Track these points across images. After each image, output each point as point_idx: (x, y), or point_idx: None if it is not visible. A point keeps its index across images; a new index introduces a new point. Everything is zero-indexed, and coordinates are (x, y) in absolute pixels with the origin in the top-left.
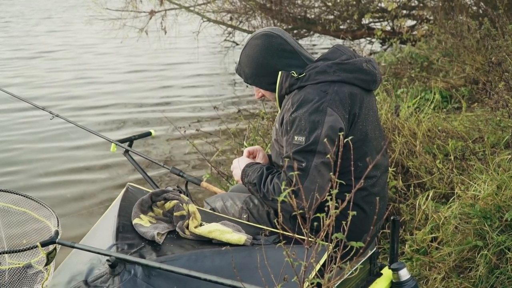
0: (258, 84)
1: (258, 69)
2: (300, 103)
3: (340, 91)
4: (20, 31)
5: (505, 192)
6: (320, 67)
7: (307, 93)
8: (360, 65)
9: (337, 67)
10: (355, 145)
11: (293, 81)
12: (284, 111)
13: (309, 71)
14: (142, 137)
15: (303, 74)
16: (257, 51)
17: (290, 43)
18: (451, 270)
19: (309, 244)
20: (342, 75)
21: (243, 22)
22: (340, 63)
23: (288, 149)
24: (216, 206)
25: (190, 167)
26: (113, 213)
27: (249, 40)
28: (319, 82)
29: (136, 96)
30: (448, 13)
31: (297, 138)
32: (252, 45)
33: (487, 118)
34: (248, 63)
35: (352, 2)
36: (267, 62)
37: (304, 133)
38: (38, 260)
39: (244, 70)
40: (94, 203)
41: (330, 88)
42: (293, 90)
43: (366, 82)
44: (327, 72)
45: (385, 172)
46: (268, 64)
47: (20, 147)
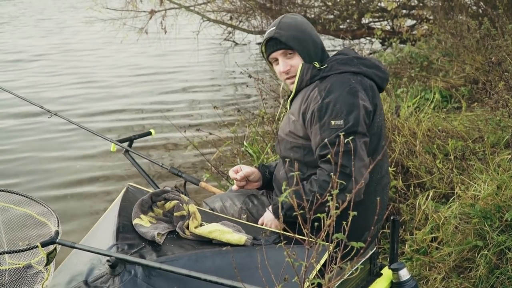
0: (299, 48)
1: (302, 33)
2: (329, 89)
3: (363, 81)
4: (15, 33)
5: (505, 192)
6: (341, 59)
7: (334, 81)
8: (376, 62)
9: (357, 61)
10: (373, 138)
11: (314, 72)
12: (309, 100)
13: (331, 62)
14: (142, 137)
15: (325, 65)
16: (299, 20)
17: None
18: (451, 270)
19: (309, 244)
20: (363, 69)
21: (243, 22)
22: (359, 58)
23: (326, 135)
24: (215, 207)
25: (191, 167)
26: (113, 213)
27: (285, 15)
28: (342, 72)
29: (135, 96)
30: (448, 13)
31: (334, 122)
32: (291, 17)
33: (487, 117)
34: (291, 27)
35: (352, 2)
36: (310, 31)
37: (341, 116)
38: (38, 260)
39: (285, 33)
40: (94, 203)
41: (354, 78)
42: (314, 81)
43: (381, 79)
44: (349, 64)
45: (387, 173)
46: (310, 34)
47: (20, 148)
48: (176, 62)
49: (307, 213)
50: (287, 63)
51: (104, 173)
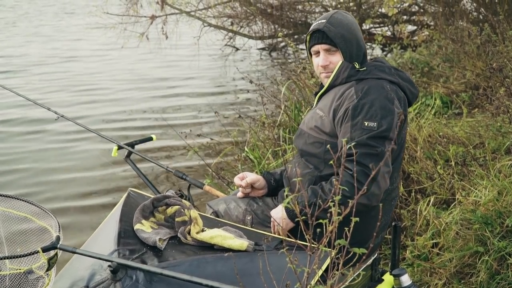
0: (344, 47)
1: (350, 33)
2: (367, 91)
3: (398, 91)
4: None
5: (506, 198)
6: (380, 66)
7: (371, 84)
8: (410, 78)
9: (395, 71)
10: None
11: (352, 72)
12: (343, 98)
13: (370, 66)
14: (143, 142)
15: (364, 68)
16: (350, 20)
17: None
18: (452, 276)
19: (311, 250)
20: (399, 80)
21: (244, 27)
22: (396, 69)
23: (356, 134)
24: (219, 209)
25: (191, 172)
26: (115, 218)
27: (338, 11)
28: (380, 78)
29: (136, 102)
30: (449, 19)
31: (368, 123)
32: (344, 14)
33: (488, 123)
34: (340, 25)
35: (353, 8)
36: (357, 34)
37: (375, 119)
38: (39, 266)
39: (334, 29)
40: (96, 208)
41: (391, 86)
42: (350, 81)
43: (413, 95)
44: (386, 72)
45: (397, 185)
46: (356, 35)
47: (21, 151)
48: (176, 68)
49: (309, 219)
50: (328, 59)
51: (106, 179)
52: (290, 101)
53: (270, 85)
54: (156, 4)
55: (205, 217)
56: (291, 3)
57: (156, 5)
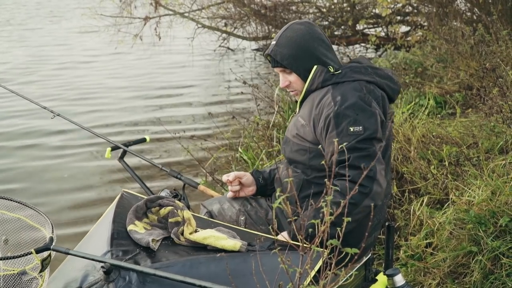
0: (294, 66)
1: (298, 50)
2: (344, 97)
3: (376, 91)
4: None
5: (499, 198)
6: (355, 67)
7: (347, 88)
8: (389, 74)
9: (371, 70)
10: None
11: (327, 76)
12: (321, 106)
13: (345, 69)
14: (137, 143)
15: (339, 71)
16: (300, 34)
17: (327, 38)
18: (446, 275)
19: (304, 251)
20: (376, 78)
21: (238, 28)
22: (373, 67)
23: (344, 141)
24: (213, 209)
25: (185, 173)
26: (108, 219)
27: (291, 24)
28: (356, 80)
29: (130, 102)
30: (442, 19)
31: (353, 129)
32: (295, 28)
33: (481, 123)
34: (287, 44)
35: (347, 8)
36: (307, 46)
37: (360, 123)
38: (32, 267)
39: (281, 50)
40: (89, 210)
41: (367, 87)
42: (326, 86)
43: (393, 91)
44: (362, 73)
45: (389, 183)
46: (308, 48)
47: (15, 154)
48: (170, 69)
49: (302, 219)
50: (286, 79)
51: (99, 180)
52: (283, 102)
53: (264, 86)
54: (150, 5)
55: (198, 217)
56: (284, 4)
57: (150, 7)
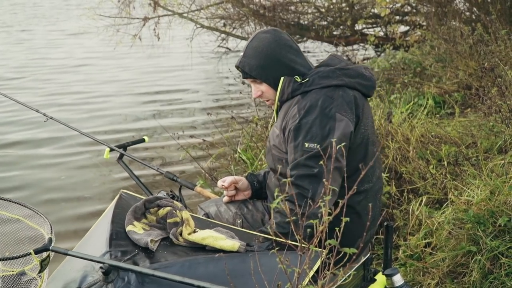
0: (263, 76)
1: (265, 60)
2: (308, 109)
3: (345, 94)
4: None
5: (498, 197)
6: (323, 72)
7: (313, 99)
8: (360, 71)
9: (340, 72)
10: (358, 149)
11: (296, 86)
12: (288, 117)
13: (312, 76)
14: (135, 144)
15: (307, 79)
16: (266, 42)
17: (295, 43)
18: (445, 275)
19: (302, 251)
20: (345, 80)
21: (237, 29)
22: (342, 68)
23: (298, 156)
24: (210, 211)
25: (184, 173)
26: (107, 220)
27: (257, 34)
28: (324, 86)
29: (129, 103)
30: (441, 19)
31: (308, 144)
32: (261, 37)
33: (480, 123)
34: (254, 55)
35: (345, 8)
36: (276, 54)
37: (316, 140)
38: (31, 267)
39: (249, 62)
40: (88, 210)
41: (336, 93)
42: (296, 95)
43: (366, 88)
44: (330, 77)
45: (379, 179)
46: (276, 57)
47: (12, 154)
48: (169, 69)
49: (300, 219)
50: (258, 89)
51: (98, 180)
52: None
53: None
54: (148, 6)
55: (196, 218)
56: (283, 4)
57: (148, 7)
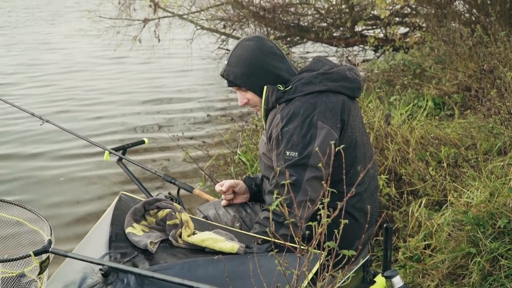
0: (248, 84)
1: (249, 68)
2: (290, 117)
3: (329, 100)
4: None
5: (497, 199)
6: (305, 79)
7: (295, 107)
8: (344, 73)
9: (322, 77)
10: (345, 152)
11: (279, 94)
12: (273, 126)
13: (295, 83)
14: (135, 145)
15: (289, 87)
16: (250, 50)
17: (280, 49)
18: (445, 277)
19: (301, 253)
20: (329, 84)
21: (237, 30)
22: (324, 73)
23: (279, 164)
24: (208, 214)
25: (184, 175)
26: (106, 222)
27: (240, 42)
28: (307, 93)
29: (129, 104)
30: (441, 21)
31: (289, 153)
32: (244, 45)
33: (480, 125)
34: (239, 63)
35: (345, 10)
36: (260, 61)
37: (296, 148)
38: (31, 269)
39: (233, 70)
40: (87, 212)
41: (319, 100)
42: (280, 103)
43: (351, 90)
44: (313, 83)
45: (373, 178)
46: (260, 64)
47: (12, 156)
48: (169, 71)
49: (299, 221)
50: (244, 96)
51: (97, 182)
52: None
53: None
54: (149, 7)
55: (196, 220)
56: (283, 5)
57: (148, 9)
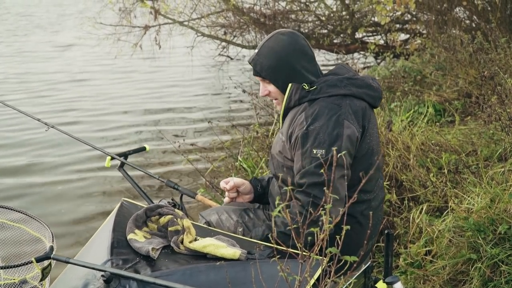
0: (273, 78)
1: (278, 62)
2: (315, 116)
3: (353, 104)
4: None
5: (498, 205)
6: (331, 81)
7: (321, 107)
8: (368, 81)
9: (347, 82)
10: (363, 159)
11: (303, 93)
12: (295, 124)
13: (320, 84)
14: (136, 152)
15: (314, 87)
16: (282, 45)
17: (311, 49)
18: (446, 283)
19: (303, 259)
20: (353, 90)
21: (237, 37)
22: (350, 78)
23: (306, 163)
24: (211, 220)
25: (185, 181)
26: (108, 228)
27: (274, 34)
28: (331, 95)
29: (130, 111)
30: (441, 27)
31: (316, 151)
32: (278, 39)
33: (480, 131)
34: (268, 55)
35: (346, 17)
36: (288, 58)
37: (323, 146)
38: (33, 276)
39: (261, 61)
40: (89, 219)
41: (343, 102)
42: (303, 103)
43: (373, 98)
44: (338, 86)
45: (382, 187)
46: (288, 61)
47: (14, 161)
48: (170, 77)
49: (301, 227)
50: (266, 88)
51: (98, 189)
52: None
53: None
54: (149, 14)
55: (198, 226)
56: (284, 12)
57: (149, 16)
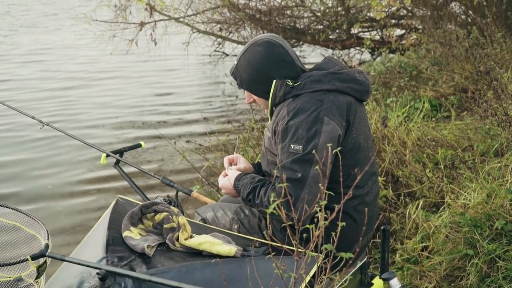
0: (253, 90)
1: (255, 75)
2: (296, 112)
3: (336, 99)
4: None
5: (495, 201)
6: (315, 76)
7: (303, 102)
8: (353, 75)
9: (332, 77)
10: (348, 154)
11: (287, 89)
12: (278, 119)
13: (304, 80)
14: (132, 149)
15: (298, 83)
16: (258, 58)
17: (290, 53)
18: (442, 279)
19: (298, 255)
20: (337, 84)
21: (233, 33)
22: (334, 73)
23: (284, 158)
24: (206, 217)
25: (181, 178)
26: (103, 225)
27: (250, 46)
28: (315, 90)
29: (125, 108)
30: (437, 22)
31: (294, 146)
32: (254, 51)
33: (477, 126)
34: (246, 68)
35: (341, 12)
36: (266, 71)
37: (301, 142)
38: (28, 274)
39: (240, 74)
40: (84, 216)
41: (326, 97)
42: (287, 98)
43: (359, 92)
44: (322, 81)
45: (376, 182)
46: (266, 73)
47: (10, 160)
48: (165, 74)
49: (296, 224)
50: (250, 96)
51: (94, 186)
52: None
53: None
54: (145, 10)
55: (193, 223)
56: (279, 8)
57: (144, 13)
